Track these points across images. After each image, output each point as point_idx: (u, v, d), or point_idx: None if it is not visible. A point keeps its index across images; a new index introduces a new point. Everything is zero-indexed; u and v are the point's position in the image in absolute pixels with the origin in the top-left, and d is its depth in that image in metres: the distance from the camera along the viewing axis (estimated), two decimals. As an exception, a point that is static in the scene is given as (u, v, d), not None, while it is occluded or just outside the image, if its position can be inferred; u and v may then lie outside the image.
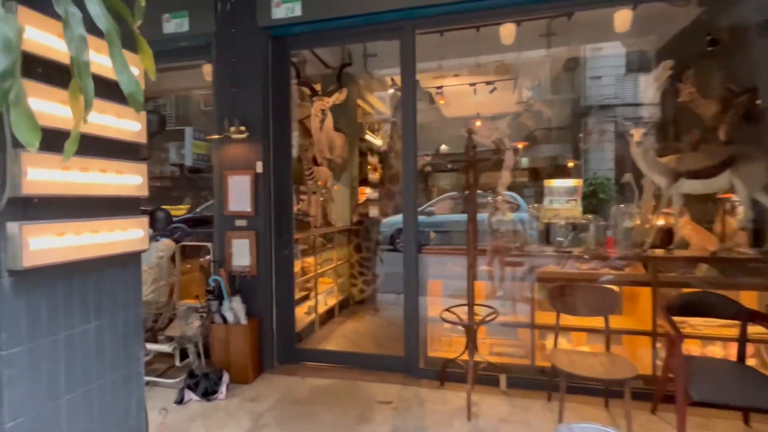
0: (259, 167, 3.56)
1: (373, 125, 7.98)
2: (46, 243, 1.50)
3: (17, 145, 1.38)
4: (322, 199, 5.38)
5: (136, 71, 1.89)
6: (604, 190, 7.02)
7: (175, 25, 3.62)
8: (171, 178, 8.70)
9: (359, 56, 5.56)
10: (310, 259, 4.81)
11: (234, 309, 3.37)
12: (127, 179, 1.82)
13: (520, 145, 4.42)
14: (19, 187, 1.42)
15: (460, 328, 3.22)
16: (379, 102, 7.91)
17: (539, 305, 3.35)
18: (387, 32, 3.52)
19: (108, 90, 1.54)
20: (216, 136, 3.55)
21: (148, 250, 2.12)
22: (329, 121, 5.24)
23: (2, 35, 1.10)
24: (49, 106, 1.49)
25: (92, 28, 1.15)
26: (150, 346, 3.37)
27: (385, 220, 6.87)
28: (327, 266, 5.20)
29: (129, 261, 1.92)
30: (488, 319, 3.16)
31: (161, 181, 8.55)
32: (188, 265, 4.33)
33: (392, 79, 7.28)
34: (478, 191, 3.24)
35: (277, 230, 3.70)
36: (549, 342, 3.33)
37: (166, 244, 3.82)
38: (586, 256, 3.41)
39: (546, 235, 4.60)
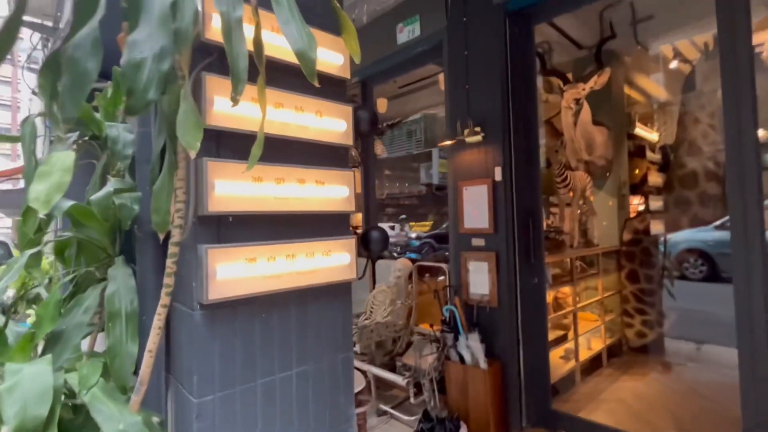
0: (498, 174, 2.91)
1: (646, 115, 6.17)
2: (236, 271, 1.25)
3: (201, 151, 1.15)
4: (579, 212, 4.27)
5: (340, 58, 1.57)
6: None
7: (407, 32, 3.44)
8: (418, 195, 9.10)
9: (625, 25, 4.25)
10: (567, 289, 3.79)
11: (471, 347, 2.78)
12: (331, 191, 1.46)
13: None
14: (205, 203, 1.21)
15: None
16: (654, 84, 6.08)
17: None
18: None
19: (305, 83, 1.21)
20: (448, 143, 3.11)
21: (370, 267, 1.77)
22: (586, 113, 4.14)
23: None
24: (227, 103, 1.25)
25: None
26: (387, 375, 3.14)
27: (669, 237, 5.05)
28: (589, 298, 4.03)
29: (338, 293, 1.56)
30: None
31: (409, 199, 9.05)
32: (425, 286, 4.05)
33: (676, 50, 5.44)
34: None
35: (523, 251, 2.94)
36: None
37: (403, 263, 3.63)
38: None
39: None
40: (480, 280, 3.00)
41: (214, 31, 1.19)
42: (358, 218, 7.64)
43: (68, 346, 1.22)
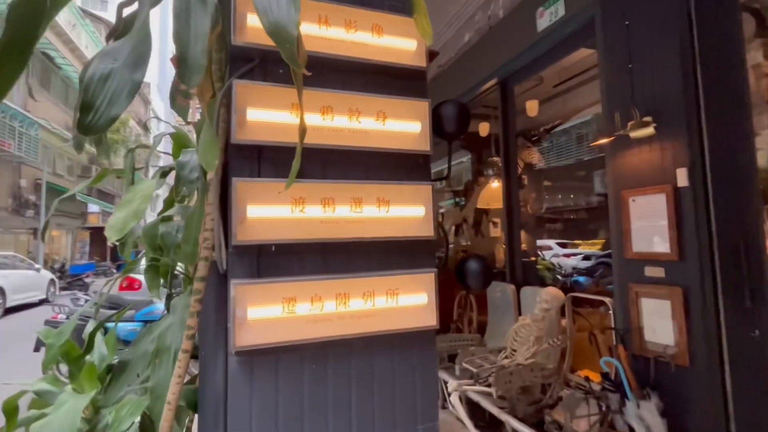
0: (683, 178, 2.09)
1: None
2: (271, 311, 1.04)
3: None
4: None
5: (412, 44, 1.25)
6: None
7: (549, 15, 2.87)
8: (587, 209, 7.81)
9: None
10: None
11: (645, 420, 2.01)
12: (399, 211, 1.15)
13: None
14: (234, 230, 1.03)
15: None
16: None
17: None
18: None
19: (367, 80, 0.96)
20: (604, 140, 2.41)
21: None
22: None
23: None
24: (265, 113, 1.05)
25: None
26: (526, 430, 2.55)
27: None
28: None
29: (415, 344, 1.22)
30: None
31: (576, 213, 7.84)
32: (585, 321, 3.25)
33: None
34: None
35: (731, 289, 2.02)
36: None
37: (551, 293, 2.97)
38: None
39: None
40: (660, 325, 2.19)
41: (248, 32, 1.03)
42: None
43: (131, 376, 1.19)
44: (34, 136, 14.98)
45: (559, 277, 7.55)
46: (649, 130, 2.18)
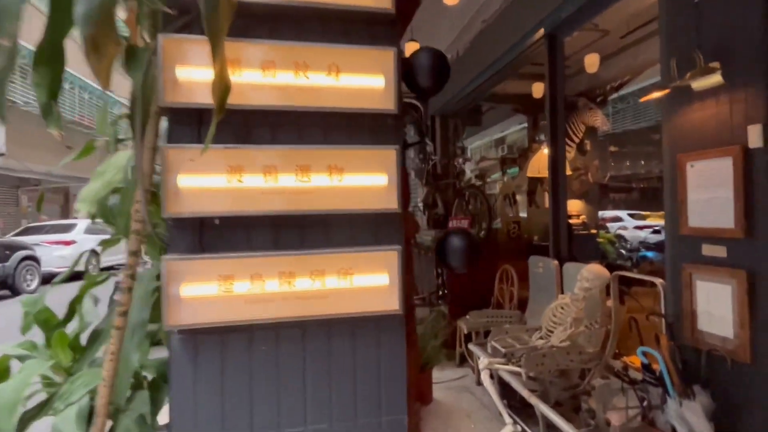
0: (756, 137, 1.69)
1: None
2: (208, 289, 0.96)
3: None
4: None
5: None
6: None
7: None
8: (660, 177, 7.01)
9: None
10: None
11: (689, 423, 1.74)
12: (358, 180, 1.01)
13: None
14: (165, 202, 0.95)
15: None
16: None
17: None
18: None
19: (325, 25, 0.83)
20: (659, 93, 2.03)
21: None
22: None
23: None
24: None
25: None
26: (557, 420, 2.35)
27: None
28: None
29: (379, 329, 1.09)
30: None
31: (647, 182, 7.07)
32: (635, 303, 2.90)
33: None
34: None
35: (813, 273, 1.64)
36: None
37: (595, 271, 2.66)
38: None
39: None
40: (718, 312, 1.86)
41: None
42: (573, 206, 6.40)
43: (100, 347, 1.20)
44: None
45: (623, 252, 6.92)
46: (716, 78, 1.78)
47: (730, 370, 1.75)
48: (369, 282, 1.01)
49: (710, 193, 1.87)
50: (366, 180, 0.99)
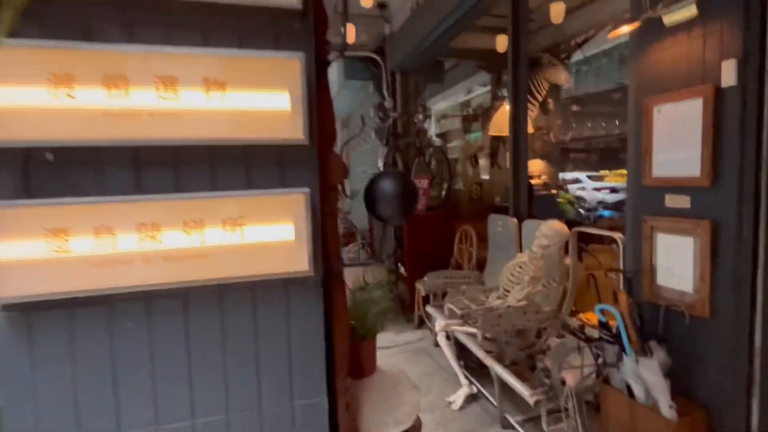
0: (729, 74, 1.54)
1: None
2: (31, 249, 0.70)
3: None
4: None
5: None
6: None
7: None
8: (621, 139, 7.03)
9: None
10: None
11: (645, 380, 1.66)
12: (246, 100, 0.75)
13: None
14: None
15: None
16: None
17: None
18: None
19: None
20: (628, 27, 1.83)
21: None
22: None
23: None
24: None
25: None
26: (512, 382, 2.28)
27: None
28: None
29: (288, 294, 0.87)
30: None
31: (608, 144, 7.10)
32: (593, 260, 2.84)
33: None
34: None
35: (777, 222, 1.55)
36: None
37: (553, 227, 2.54)
38: None
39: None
40: (678, 266, 1.76)
41: None
42: (535, 166, 6.34)
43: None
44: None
45: (582, 211, 7.02)
46: (691, 11, 1.60)
47: (688, 326, 1.68)
48: (267, 235, 0.78)
49: (677, 139, 1.73)
50: (260, 100, 0.73)
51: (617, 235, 2.22)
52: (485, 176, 5.90)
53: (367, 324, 1.44)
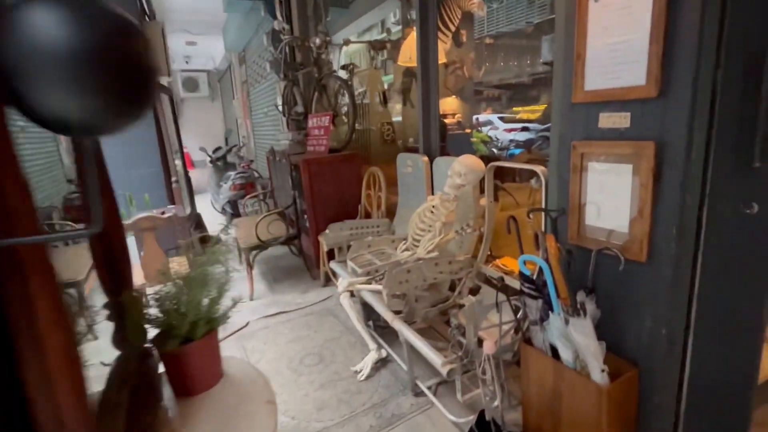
0: (693, -64, 1.14)
1: None
2: None
3: None
4: None
5: None
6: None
7: None
8: (534, 78, 6.90)
9: None
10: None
11: (575, 342, 1.36)
12: None
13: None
14: None
15: None
16: None
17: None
18: None
19: None
20: None
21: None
22: None
23: None
24: None
25: None
26: (422, 347, 1.93)
27: None
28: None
29: None
30: None
31: (520, 83, 6.95)
32: (511, 200, 2.54)
33: None
34: None
35: (732, 138, 1.25)
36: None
37: (467, 163, 2.15)
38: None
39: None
40: (613, 201, 1.44)
41: None
42: (449, 104, 5.96)
43: None
44: None
45: (494, 150, 6.92)
46: None
47: (621, 272, 1.38)
48: None
49: (618, 36, 1.34)
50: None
51: (539, 169, 1.87)
52: (398, 118, 5.42)
53: (196, 316, 0.91)
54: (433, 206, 2.28)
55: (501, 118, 10.32)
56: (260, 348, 2.73)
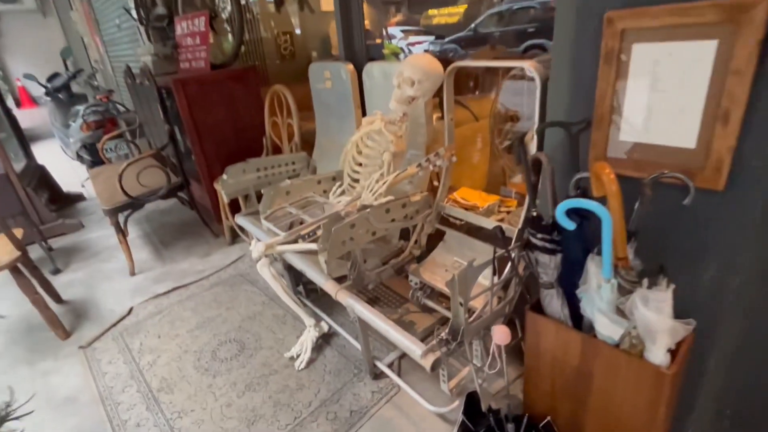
0: None
1: None
2: None
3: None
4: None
5: None
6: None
7: None
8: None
9: None
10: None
11: (641, 318, 0.93)
12: None
13: None
14: None
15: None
16: None
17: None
18: None
19: None
20: None
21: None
22: None
23: None
24: None
25: None
26: (384, 328, 1.42)
27: None
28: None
29: None
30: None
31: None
32: (471, 115, 2.01)
33: None
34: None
35: None
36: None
37: (423, 65, 1.53)
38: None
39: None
40: (671, 104, 0.96)
41: None
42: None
43: None
44: None
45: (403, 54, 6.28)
46: None
47: (687, 207, 0.95)
48: None
49: None
50: None
51: (527, 63, 1.32)
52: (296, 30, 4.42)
53: None
54: (375, 131, 1.65)
55: (404, 31, 9.54)
56: (152, 345, 2.01)
